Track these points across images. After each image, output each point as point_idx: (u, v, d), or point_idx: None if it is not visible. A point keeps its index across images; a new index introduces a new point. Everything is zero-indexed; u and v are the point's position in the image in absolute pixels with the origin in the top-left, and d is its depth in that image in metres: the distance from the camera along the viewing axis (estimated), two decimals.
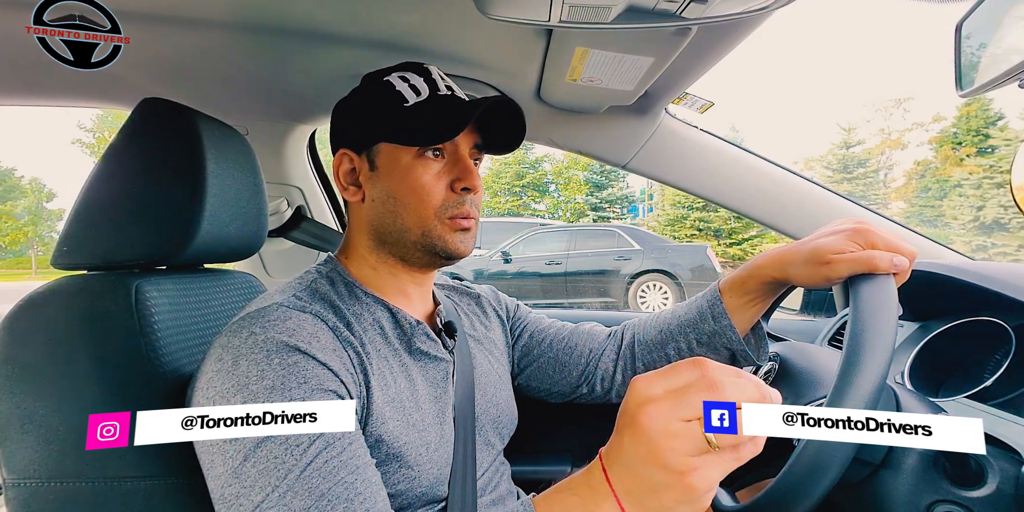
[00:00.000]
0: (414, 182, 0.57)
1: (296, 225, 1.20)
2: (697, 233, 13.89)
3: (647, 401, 0.35)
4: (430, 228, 0.57)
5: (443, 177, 0.58)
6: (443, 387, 0.59)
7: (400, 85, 0.58)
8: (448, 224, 0.57)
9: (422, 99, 0.58)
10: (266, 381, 0.44)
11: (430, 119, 0.56)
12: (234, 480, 0.42)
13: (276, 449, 0.42)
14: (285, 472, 0.42)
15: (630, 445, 0.35)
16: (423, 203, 0.57)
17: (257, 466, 0.42)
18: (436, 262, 0.60)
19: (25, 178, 21.61)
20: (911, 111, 24.22)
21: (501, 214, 16.65)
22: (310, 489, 0.41)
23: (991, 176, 12.88)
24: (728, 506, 0.56)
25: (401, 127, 0.57)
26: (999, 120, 14.64)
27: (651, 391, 0.35)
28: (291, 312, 0.50)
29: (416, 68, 0.60)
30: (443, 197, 0.57)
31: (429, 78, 0.59)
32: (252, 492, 0.41)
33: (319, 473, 0.42)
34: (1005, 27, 0.62)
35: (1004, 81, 0.59)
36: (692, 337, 0.65)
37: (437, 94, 0.58)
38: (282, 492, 0.41)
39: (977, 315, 0.69)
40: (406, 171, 0.57)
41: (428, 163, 0.57)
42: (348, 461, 0.44)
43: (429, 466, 0.54)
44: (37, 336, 0.55)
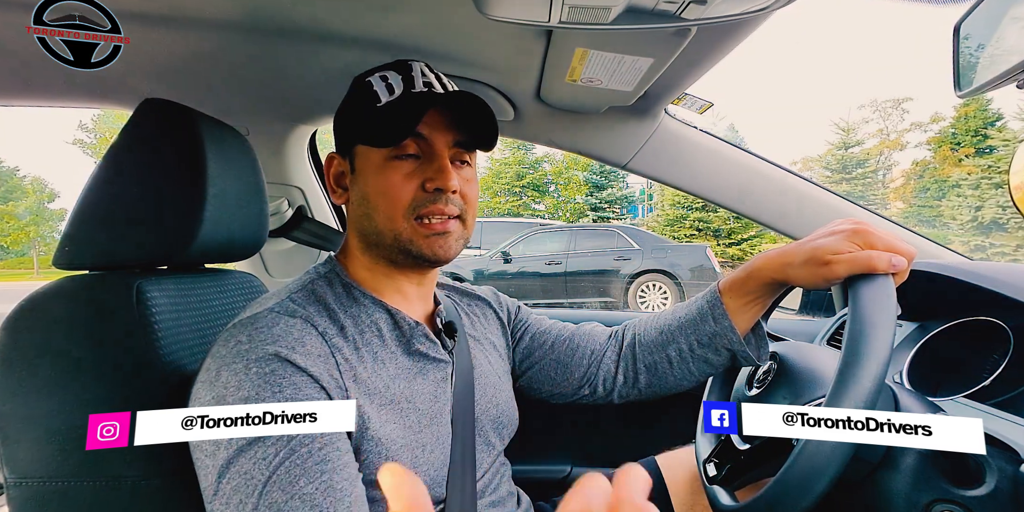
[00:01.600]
0: (384, 183, 0.56)
1: (297, 225, 1.20)
2: (696, 233, 13.90)
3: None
4: (400, 231, 0.56)
5: (415, 177, 0.56)
6: (442, 388, 0.59)
7: (377, 85, 0.57)
8: (418, 226, 0.55)
9: (393, 98, 0.56)
10: (242, 392, 0.45)
11: (395, 118, 0.55)
12: (215, 498, 0.43)
13: (247, 464, 0.43)
14: (253, 488, 0.42)
15: None
16: (392, 204, 0.55)
17: (231, 483, 0.43)
18: (420, 265, 0.59)
19: (27, 178, 21.59)
20: (910, 111, 24.24)
21: (501, 214, 16.64)
22: (270, 505, 0.41)
23: (989, 176, 12.89)
24: (728, 505, 0.57)
25: (371, 128, 0.56)
26: (998, 120, 14.65)
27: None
28: (280, 317, 0.50)
29: (399, 66, 0.59)
30: (412, 197, 0.55)
31: (408, 76, 0.58)
32: (228, 509, 0.42)
33: (279, 486, 0.42)
34: (1003, 28, 0.62)
35: (1002, 81, 0.59)
36: (693, 338, 0.64)
37: (411, 92, 0.56)
38: (250, 509, 0.42)
39: (975, 315, 0.69)
40: (377, 172, 0.56)
41: (399, 164, 0.56)
42: (312, 468, 0.43)
43: (425, 468, 0.54)
44: (38, 336, 0.55)
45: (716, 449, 0.65)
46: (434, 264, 0.59)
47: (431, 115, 0.56)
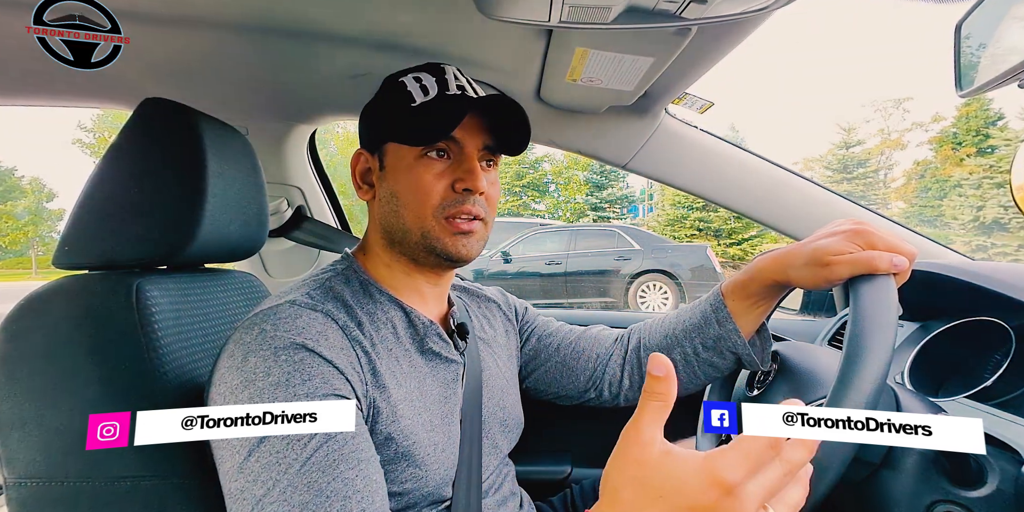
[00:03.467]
0: (415, 181, 0.57)
1: (297, 225, 1.20)
2: (697, 233, 13.89)
3: (731, 490, 0.30)
4: (428, 228, 0.57)
5: (445, 177, 0.57)
6: (452, 388, 0.59)
7: (412, 85, 0.58)
8: (446, 225, 0.57)
9: (429, 99, 0.57)
10: (272, 377, 0.45)
11: (431, 118, 0.56)
12: (239, 475, 0.43)
13: (279, 444, 0.43)
14: (286, 467, 0.42)
15: None
16: (422, 202, 0.56)
17: (260, 461, 0.42)
18: (442, 264, 0.60)
19: (25, 178, 21.60)
20: (911, 111, 24.21)
21: (501, 214, 16.66)
22: (309, 484, 0.42)
23: (991, 176, 12.88)
24: None
25: (405, 127, 0.57)
26: (999, 120, 14.64)
27: (734, 476, 0.30)
28: (302, 310, 0.50)
29: (432, 68, 0.60)
30: (442, 196, 0.57)
31: (442, 78, 0.59)
32: (255, 486, 0.42)
33: (318, 468, 0.43)
34: (1004, 27, 0.62)
35: (1004, 81, 0.59)
36: (697, 342, 0.64)
37: (445, 94, 0.57)
38: (283, 487, 0.42)
39: (977, 315, 0.69)
40: (408, 170, 0.57)
41: (431, 163, 0.57)
42: (349, 455, 0.44)
43: (436, 466, 0.54)
44: (38, 336, 0.55)
45: None
46: (456, 263, 0.59)
47: (469, 117, 0.57)
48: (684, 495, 0.31)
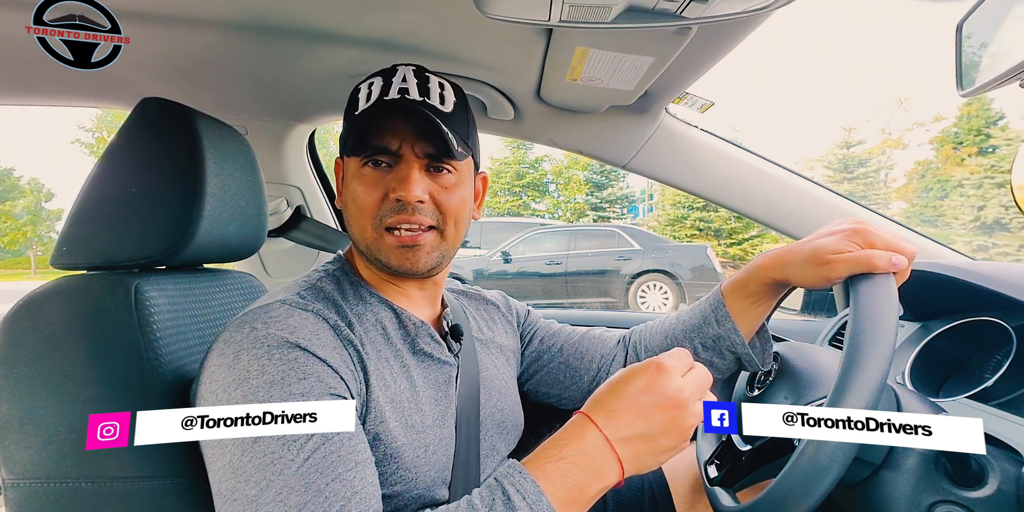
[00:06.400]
0: (353, 192, 0.56)
1: (296, 225, 1.20)
2: (697, 233, 13.88)
3: (681, 390, 0.45)
4: (370, 241, 0.56)
5: (380, 187, 0.55)
6: (445, 390, 0.59)
7: (363, 92, 0.57)
8: (388, 237, 0.55)
9: (367, 106, 0.55)
10: (267, 376, 0.44)
11: (360, 127, 0.54)
12: (231, 475, 0.42)
13: (273, 444, 0.42)
14: (282, 467, 0.42)
15: (659, 423, 0.44)
16: (361, 214, 0.55)
17: (254, 461, 0.42)
18: (398, 274, 0.58)
19: (24, 178, 21.59)
20: (911, 111, 24.16)
21: (501, 214, 16.64)
22: (307, 485, 0.41)
23: (992, 176, 12.86)
24: (729, 507, 0.56)
25: (345, 136, 0.57)
26: (1000, 120, 14.60)
27: (684, 383, 0.46)
28: (293, 310, 0.50)
29: (386, 72, 0.58)
30: (377, 207, 0.55)
31: (388, 82, 0.56)
32: (247, 486, 0.41)
33: (316, 469, 0.42)
34: (1006, 27, 0.61)
35: (1005, 81, 0.58)
36: (697, 342, 0.64)
37: (383, 99, 0.55)
38: (279, 488, 0.41)
39: (978, 315, 0.69)
40: (350, 181, 0.57)
41: (368, 172, 0.55)
42: (347, 456, 0.44)
43: (427, 469, 0.54)
44: (36, 336, 0.55)
45: (717, 451, 0.65)
46: (406, 275, 0.58)
47: (400, 123, 0.54)
48: (660, 399, 0.45)
